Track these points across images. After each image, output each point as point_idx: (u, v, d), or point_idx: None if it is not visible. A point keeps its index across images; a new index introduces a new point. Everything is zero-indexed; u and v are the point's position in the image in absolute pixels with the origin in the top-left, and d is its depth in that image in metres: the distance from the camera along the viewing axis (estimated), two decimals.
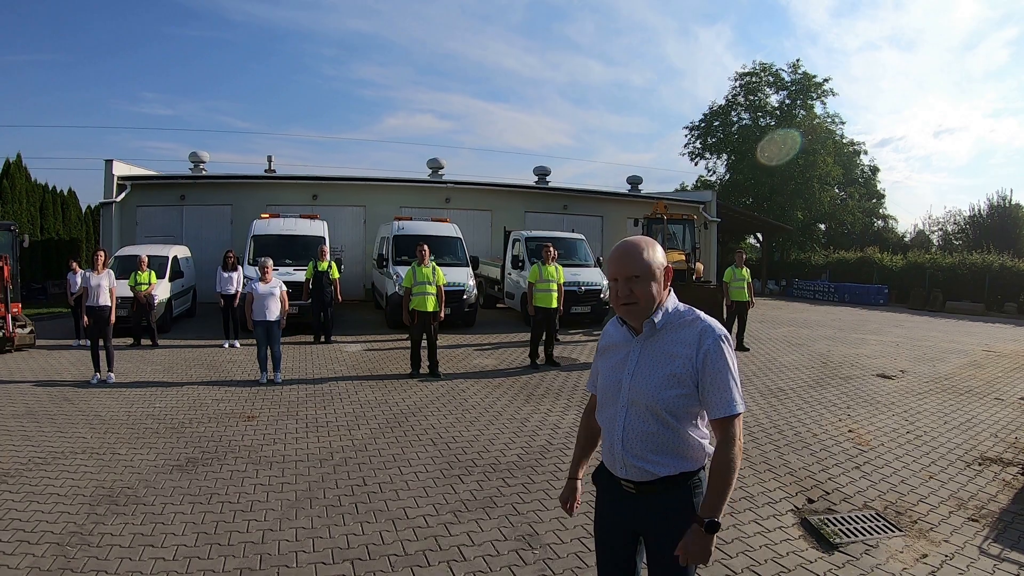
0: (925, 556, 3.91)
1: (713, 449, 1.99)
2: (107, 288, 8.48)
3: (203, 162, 22.35)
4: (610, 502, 2.19)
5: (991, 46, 75.69)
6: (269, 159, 25.11)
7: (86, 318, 8.51)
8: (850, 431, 6.63)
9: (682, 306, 2.08)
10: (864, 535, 4.19)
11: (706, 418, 2.02)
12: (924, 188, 76.69)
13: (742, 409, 1.95)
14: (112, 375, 8.52)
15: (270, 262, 8.86)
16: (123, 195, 18.70)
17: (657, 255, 2.03)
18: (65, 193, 23.53)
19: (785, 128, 35.47)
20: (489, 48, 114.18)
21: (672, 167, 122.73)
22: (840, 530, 4.24)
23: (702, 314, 2.05)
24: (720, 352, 1.95)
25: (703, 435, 2.06)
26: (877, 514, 4.53)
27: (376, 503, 4.58)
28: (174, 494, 4.67)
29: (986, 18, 73.93)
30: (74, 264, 12.03)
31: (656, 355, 2.01)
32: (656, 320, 2.02)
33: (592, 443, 2.39)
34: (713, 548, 1.93)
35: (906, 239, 40.50)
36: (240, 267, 12.10)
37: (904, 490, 5.02)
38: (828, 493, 4.93)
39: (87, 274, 8.58)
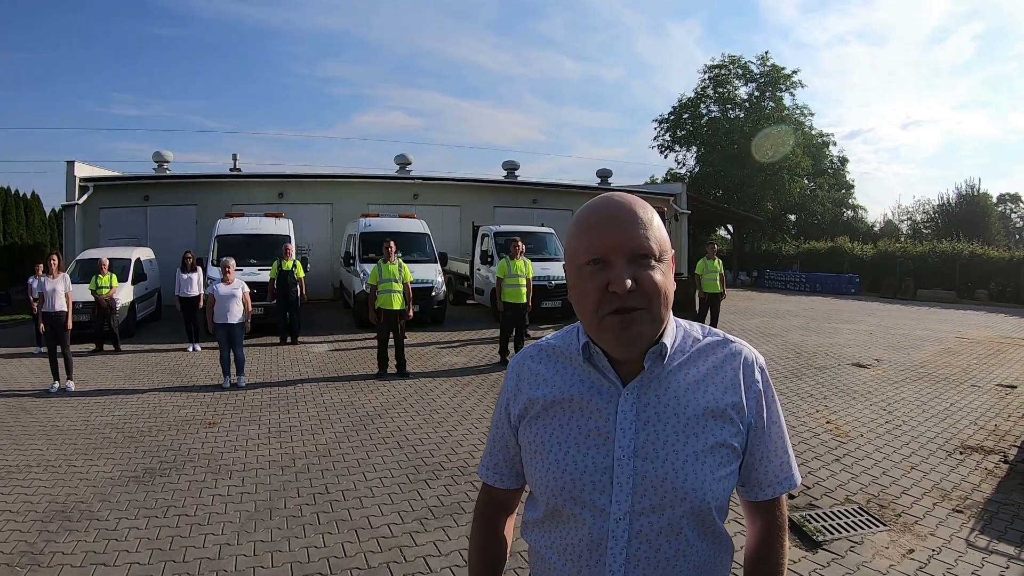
0: (912, 551, 3.84)
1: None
2: (62, 293, 8.23)
3: (167, 162, 21.80)
4: None
5: (958, 40, 77.53)
6: (234, 157, 24.69)
7: (42, 325, 8.28)
8: (828, 422, 6.57)
9: (680, 320, 1.22)
10: (848, 531, 4.10)
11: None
12: (893, 179, 78.47)
13: (800, 479, 1.27)
14: (71, 383, 8.29)
15: (232, 262, 8.65)
16: (85, 197, 18.14)
17: (661, 225, 1.13)
18: (28, 197, 22.86)
19: (779, 126, 35.65)
20: (462, 45, 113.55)
21: (644, 160, 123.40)
22: (823, 527, 4.14)
23: (716, 329, 1.24)
24: (773, 394, 1.21)
25: None
26: (860, 508, 4.45)
27: (339, 512, 4.50)
28: (129, 508, 4.54)
29: (953, 13, 75.70)
30: (39, 268, 11.59)
31: (679, 411, 1.12)
32: (668, 344, 1.14)
33: (500, 564, 1.45)
34: None
35: (876, 229, 41.25)
36: (200, 268, 11.84)
37: (886, 482, 4.95)
38: (809, 488, 4.81)
39: (42, 279, 8.34)
